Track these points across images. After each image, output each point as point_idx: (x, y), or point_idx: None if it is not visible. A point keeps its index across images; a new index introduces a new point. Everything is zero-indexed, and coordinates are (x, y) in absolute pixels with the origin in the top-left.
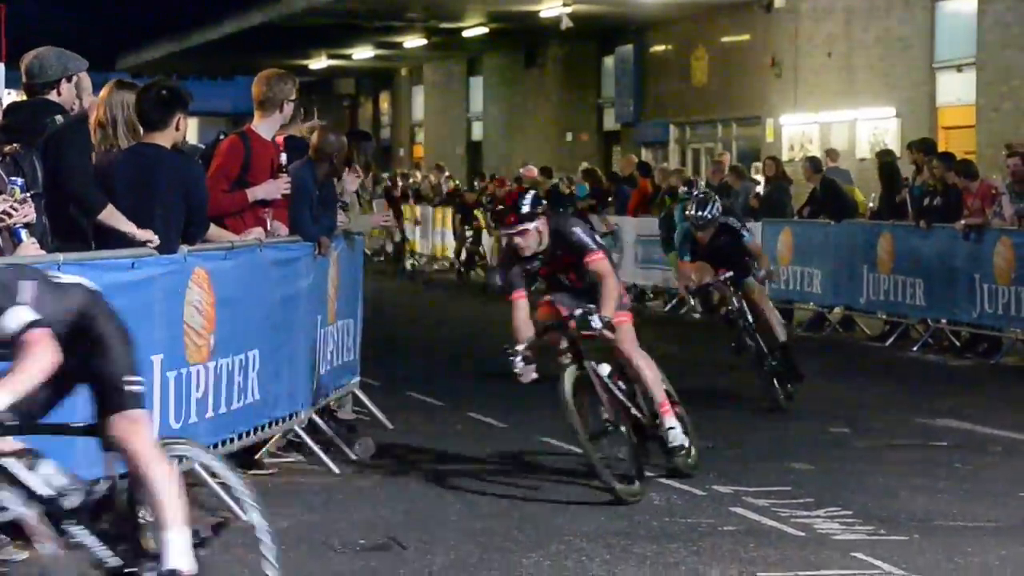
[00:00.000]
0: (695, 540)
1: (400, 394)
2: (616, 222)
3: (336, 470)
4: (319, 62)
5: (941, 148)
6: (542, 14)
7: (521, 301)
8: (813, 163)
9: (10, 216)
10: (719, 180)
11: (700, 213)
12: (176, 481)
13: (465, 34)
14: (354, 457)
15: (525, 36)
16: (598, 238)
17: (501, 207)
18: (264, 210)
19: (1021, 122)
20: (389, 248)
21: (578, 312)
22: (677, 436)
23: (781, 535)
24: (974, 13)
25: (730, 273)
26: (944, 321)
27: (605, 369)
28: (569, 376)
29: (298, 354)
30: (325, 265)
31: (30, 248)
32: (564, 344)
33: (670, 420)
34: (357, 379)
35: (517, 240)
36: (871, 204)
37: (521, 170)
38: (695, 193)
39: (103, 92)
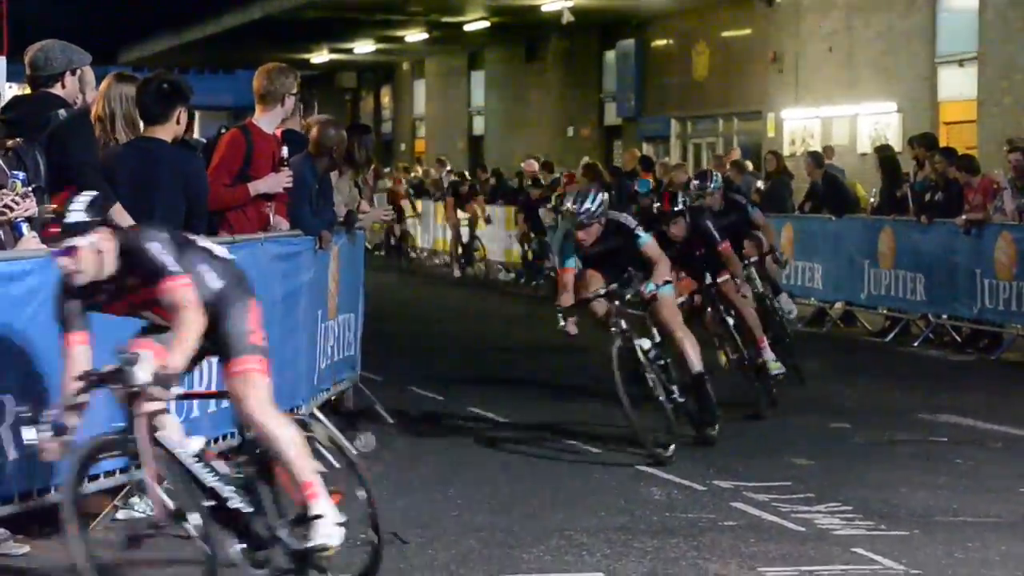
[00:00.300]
0: (695, 535)
1: (401, 389)
2: None
3: (336, 464)
4: (320, 56)
5: (942, 143)
6: (543, 8)
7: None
8: (815, 158)
9: (12, 210)
10: (721, 174)
11: (581, 207)
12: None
13: (466, 28)
14: (355, 452)
15: (526, 30)
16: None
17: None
18: (266, 204)
19: (1022, 117)
20: (392, 241)
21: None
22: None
23: (781, 530)
24: (975, 8)
25: (614, 285)
26: (945, 316)
27: (646, 343)
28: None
29: (299, 349)
30: (326, 259)
31: (31, 242)
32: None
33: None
34: (358, 373)
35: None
36: (872, 199)
37: (523, 164)
38: (709, 186)
39: (102, 85)
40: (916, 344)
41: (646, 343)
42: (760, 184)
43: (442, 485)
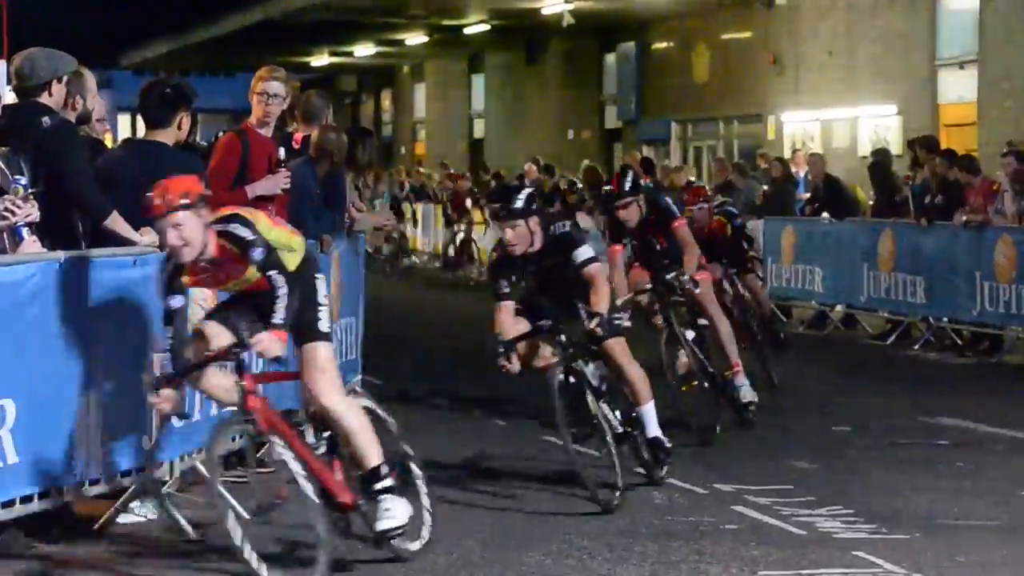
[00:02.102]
0: (697, 539)
1: (402, 392)
2: None
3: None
4: (321, 59)
5: (943, 146)
6: (544, 11)
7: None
8: (816, 160)
9: (13, 214)
10: (723, 178)
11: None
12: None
13: (467, 31)
14: None
15: (527, 33)
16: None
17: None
18: (266, 207)
19: (1022, 119)
20: (385, 249)
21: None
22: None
23: (783, 533)
24: (976, 10)
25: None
26: (945, 319)
27: (592, 368)
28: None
29: None
30: (327, 263)
31: (32, 246)
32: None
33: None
34: (359, 377)
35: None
36: (871, 202)
37: (524, 167)
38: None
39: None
40: (916, 347)
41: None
42: (764, 187)
43: (443, 488)
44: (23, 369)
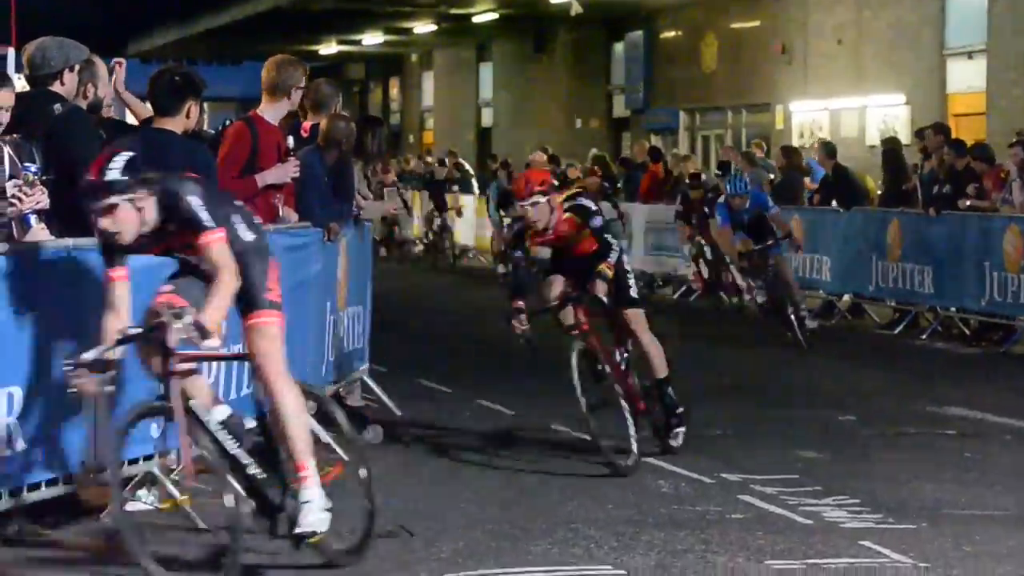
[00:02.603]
0: (703, 528)
1: (409, 381)
2: (626, 209)
3: (345, 457)
4: (329, 47)
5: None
6: (552, 0)
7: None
8: (826, 148)
9: (21, 201)
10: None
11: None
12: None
13: (475, 20)
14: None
15: (535, 22)
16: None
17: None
18: (275, 195)
19: None
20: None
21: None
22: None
23: (789, 523)
24: (984, 0)
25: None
26: (953, 309)
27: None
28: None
29: (308, 340)
30: (335, 251)
31: (40, 233)
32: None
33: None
34: (366, 366)
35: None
36: (880, 191)
37: (531, 157)
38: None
39: None
40: (924, 337)
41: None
42: (772, 176)
43: (449, 477)
44: (30, 356)
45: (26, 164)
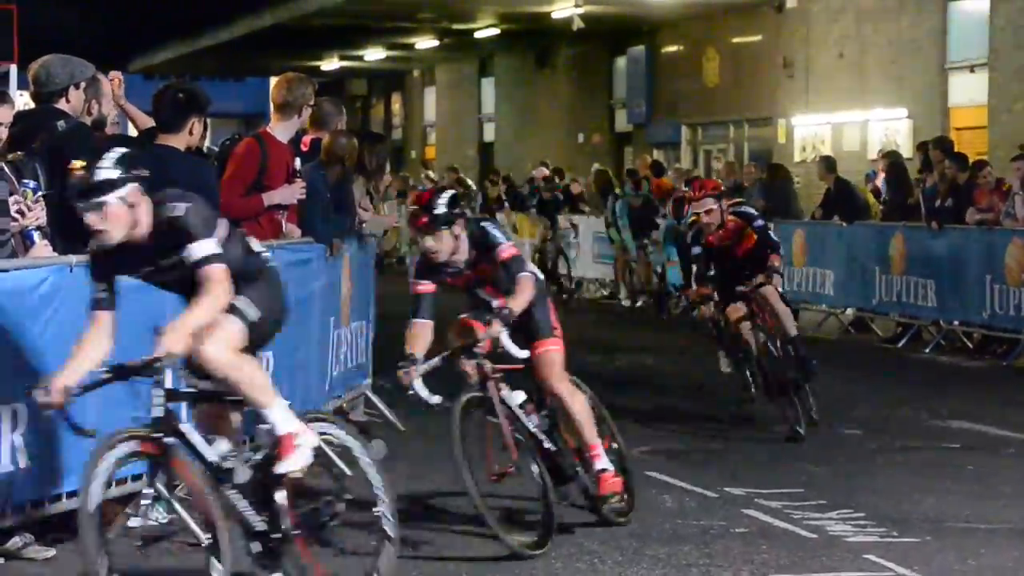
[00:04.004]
0: (707, 542)
1: (411, 395)
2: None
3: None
4: (331, 63)
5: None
6: (554, 15)
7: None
8: (827, 163)
9: (24, 216)
10: (732, 180)
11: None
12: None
13: (477, 35)
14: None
15: (537, 37)
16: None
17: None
18: (279, 212)
19: None
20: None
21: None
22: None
23: (793, 537)
24: (986, 13)
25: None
26: (956, 322)
27: (519, 397)
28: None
29: (311, 356)
30: (338, 267)
31: (43, 250)
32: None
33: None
34: (369, 381)
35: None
36: (881, 205)
37: (534, 172)
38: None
39: None
40: (927, 350)
41: (518, 397)
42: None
43: (452, 492)
44: (34, 373)
45: (25, 180)
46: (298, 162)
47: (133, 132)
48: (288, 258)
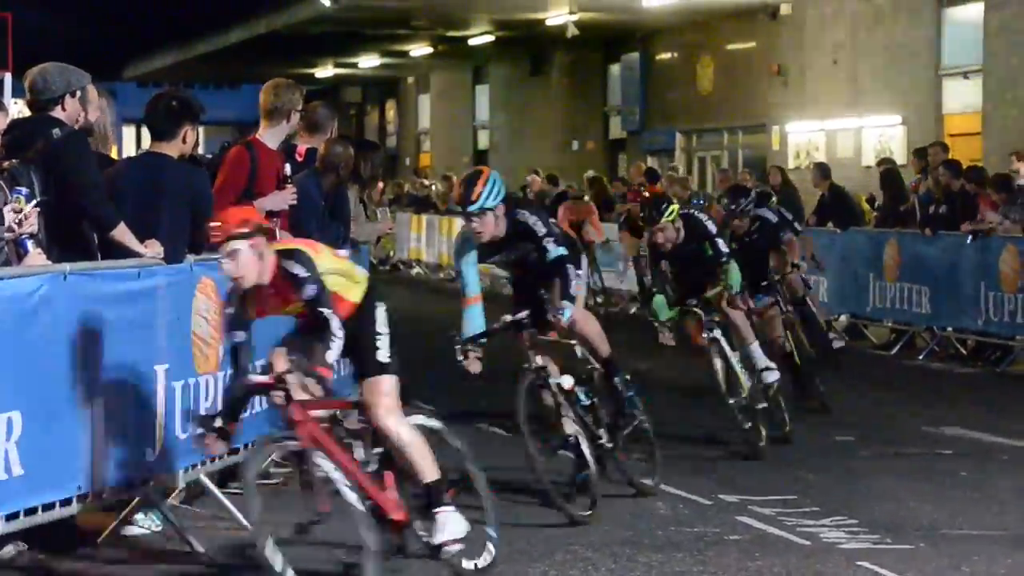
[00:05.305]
0: (701, 549)
1: (405, 404)
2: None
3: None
4: (325, 71)
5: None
6: (548, 22)
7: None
8: (821, 169)
9: (20, 225)
10: (727, 188)
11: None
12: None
13: (471, 42)
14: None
15: (531, 44)
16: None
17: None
18: (271, 220)
19: None
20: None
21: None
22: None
23: (787, 544)
24: (980, 20)
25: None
26: (950, 329)
27: (568, 381)
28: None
29: None
30: None
31: (37, 258)
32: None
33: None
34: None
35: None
36: (875, 212)
37: (528, 178)
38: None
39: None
40: (921, 357)
41: (567, 381)
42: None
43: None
44: (29, 381)
45: (17, 188)
46: (288, 168)
47: (129, 143)
48: None
